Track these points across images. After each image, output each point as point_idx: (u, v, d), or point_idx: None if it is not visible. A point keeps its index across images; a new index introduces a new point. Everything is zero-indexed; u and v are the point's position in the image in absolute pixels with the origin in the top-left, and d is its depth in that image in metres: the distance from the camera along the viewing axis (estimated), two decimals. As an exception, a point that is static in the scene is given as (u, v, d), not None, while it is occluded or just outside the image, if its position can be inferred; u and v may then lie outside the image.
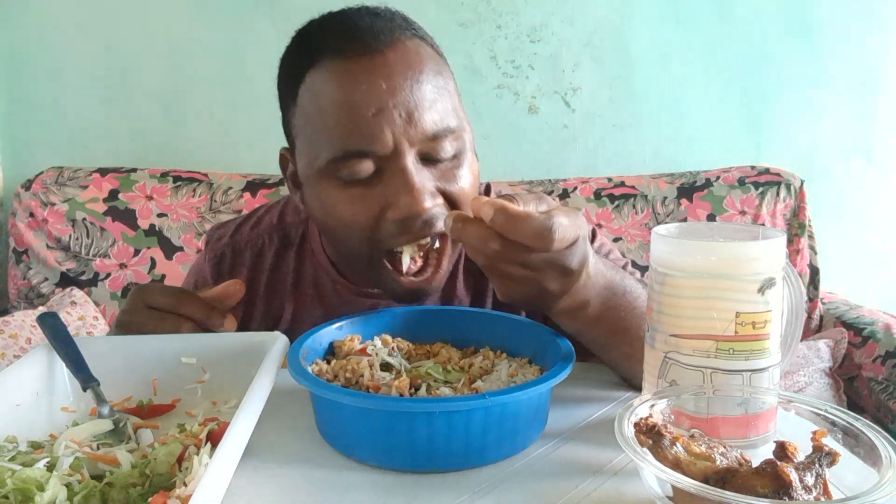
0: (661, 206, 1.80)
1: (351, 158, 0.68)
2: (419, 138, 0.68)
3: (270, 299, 0.89)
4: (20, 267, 1.80)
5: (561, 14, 1.91)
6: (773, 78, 1.94)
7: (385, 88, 0.66)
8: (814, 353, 1.64)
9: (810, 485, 0.43)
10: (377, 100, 0.66)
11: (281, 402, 0.64)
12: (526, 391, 0.56)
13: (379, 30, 0.68)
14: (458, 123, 0.71)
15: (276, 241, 0.90)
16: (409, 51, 0.69)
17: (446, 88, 0.71)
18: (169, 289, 0.72)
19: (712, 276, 0.55)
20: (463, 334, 0.75)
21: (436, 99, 0.69)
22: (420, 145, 0.68)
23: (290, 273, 0.89)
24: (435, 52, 0.73)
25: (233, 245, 0.91)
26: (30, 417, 0.60)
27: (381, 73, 0.66)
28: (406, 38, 0.69)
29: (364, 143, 0.67)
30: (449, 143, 0.70)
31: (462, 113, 0.74)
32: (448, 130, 0.69)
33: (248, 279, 0.88)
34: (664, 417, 0.53)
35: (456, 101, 0.73)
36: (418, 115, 0.67)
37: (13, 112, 1.95)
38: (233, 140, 1.96)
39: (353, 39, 0.67)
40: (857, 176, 1.98)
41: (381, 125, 0.66)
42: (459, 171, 0.72)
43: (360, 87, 0.66)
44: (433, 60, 0.71)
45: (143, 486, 0.49)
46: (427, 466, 0.56)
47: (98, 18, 1.91)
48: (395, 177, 0.68)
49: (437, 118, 0.68)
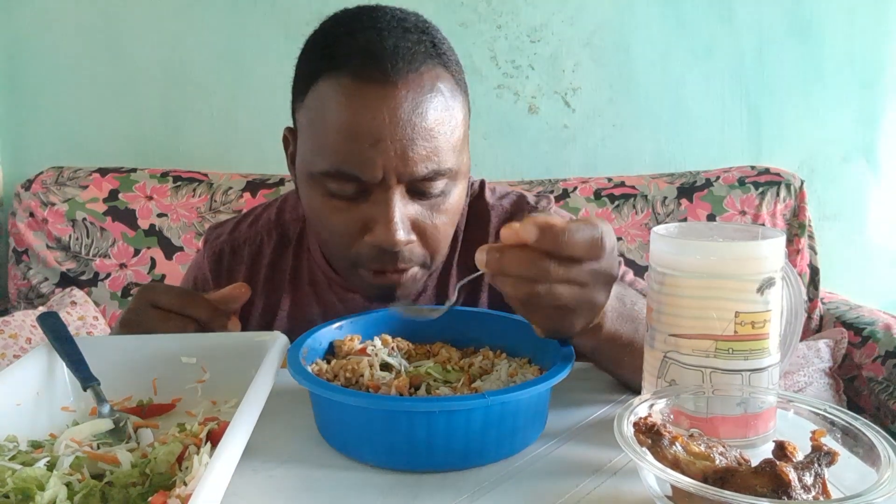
0: (661, 206, 1.80)
1: (340, 178, 0.69)
2: (409, 175, 0.69)
3: (268, 295, 0.89)
4: (20, 267, 1.80)
5: (561, 14, 1.91)
6: (773, 78, 1.94)
7: (387, 122, 0.66)
8: (814, 353, 1.64)
9: (809, 484, 0.43)
10: (377, 131, 0.67)
11: (281, 401, 0.65)
12: (526, 391, 0.56)
13: (400, 57, 0.67)
14: (453, 164, 0.71)
15: (275, 238, 0.91)
16: (423, 85, 0.68)
17: (451, 125, 0.71)
18: (175, 289, 0.72)
19: (712, 276, 0.55)
20: (463, 334, 0.75)
21: (436, 141, 0.69)
22: (409, 182, 0.69)
23: (288, 270, 0.89)
24: (453, 83, 0.72)
25: (231, 242, 0.92)
26: (30, 417, 0.60)
27: (388, 106, 0.67)
28: (426, 67, 0.69)
29: (356, 170, 0.68)
30: (439, 182, 0.71)
31: (463, 149, 0.74)
32: (439, 172, 0.70)
33: (246, 276, 0.89)
34: (663, 417, 0.54)
35: (459, 136, 0.72)
36: (413, 154, 0.67)
37: (13, 112, 1.95)
38: (233, 140, 1.96)
39: (370, 64, 0.67)
40: (857, 176, 1.98)
41: (375, 156, 0.67)
42: (442, 208, 0.73)
43: (365, 115, 0.67)
44: (446, 95, 0.71)
45: (143, 486, 0.49)
46: (427, 466, 0.56)
47: (98, 18, 1.91)
48: (378, 204, 0.69)
49: (431, 160, 0.69)
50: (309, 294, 0.89)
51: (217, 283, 0.90)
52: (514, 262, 0.54)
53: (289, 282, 0.89)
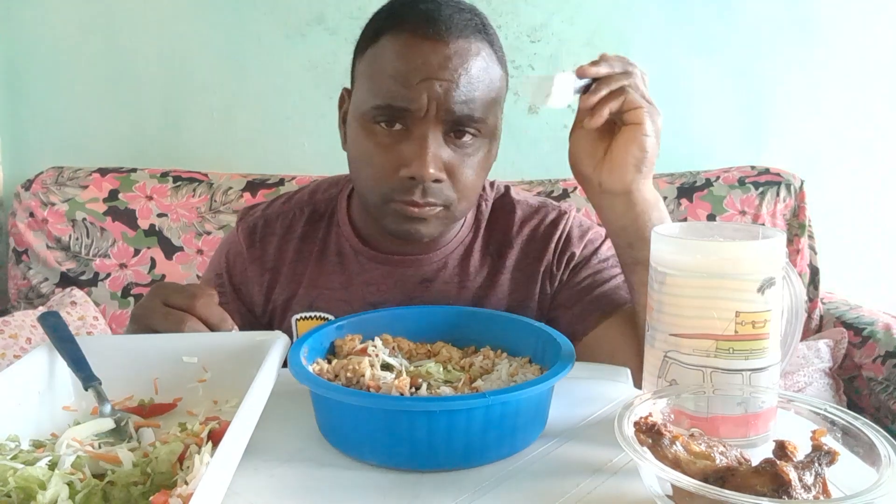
0: (661, 206, 1.80)
1: (390, 111, 0.78)
2: (447, 112, 0.77)
3: (296, 264, 0.95)
4: (20, 267, 1.80)
5: (561, 14, 1.91)
6: (773, 78, 1.94)
7: (436, 66, 0.77)
8: (814, 353, 1.64)
9: (809, 484, 0.43)
10: (426, 72, 0.76)
11: (282, 401, 0.65)
12: (526, 390, 0.56)
13: (454, 23, 0.78)
14: (485, 117, 0.80)
15: (307, 214, 0.97)
16: (471, 49, 0.79)
17: (489, 87, 0.80)
18: (187, 289, 0.72)
19: (712, 276, 0.55)
20: (463, 334, 0.75)
21: (474, 90, 0.78)
22: (447, 122, 0.78)
23: (318, 242, 0.95)
24: (495, 58, 0.83)
25: (265, 217, 0.98)
26: (32, 416, 0.60)
27: (439, 55, 0.77)
28: (475, 38, 0.80)
29: (404, 102, 0.77)
30: (472, 130, 0.80)
31: (497, 114, 0.84)
32: (473, 119, 0.79)
33: (277, 246, 0.96)
34: (664, 416, 0.54)
35: (493, 98, 0.81)
36: (454, 94, 0.77)
37: (13, 112, 1.95)
38: (233, 140, 1.96)
39: (428, 23, 0.78)
40: (857, 176, 1.98)
41: (422, 91, 0.76)
42: (472, 158, 0.82)
43: (418, 60, 0.77)
44: (488, 62, 0.81)
45: (145, 485, 0.49)
46: (428, 465, 0.56)
47: (98, 19, 1.91)
48: (416, 140, 0.78)
49: (469, 104, 0.78)
50: (334, 263, 0.94)
51: (251, 254, 0.95)
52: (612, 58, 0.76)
53: (318, 252, 0.95)
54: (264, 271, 0.95)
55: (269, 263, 0.95)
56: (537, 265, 0.93)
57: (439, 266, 0.93)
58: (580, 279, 0.93)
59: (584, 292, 0.91)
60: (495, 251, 0.94)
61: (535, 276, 0.93)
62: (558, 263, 0.94)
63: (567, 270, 0.94)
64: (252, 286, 0.95)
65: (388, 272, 0.92)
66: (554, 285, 0.94)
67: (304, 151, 1.90)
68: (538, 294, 0.93)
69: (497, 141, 0.86)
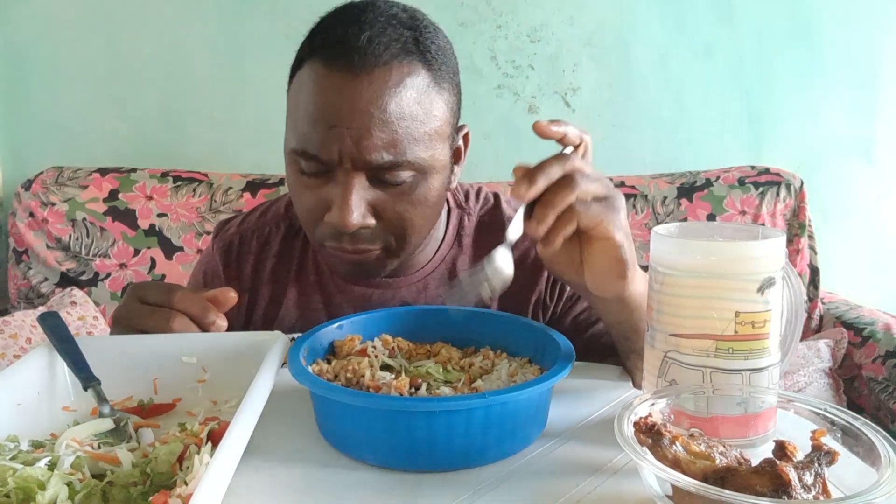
0: (661, 206, 1.80)
1: (306, 157, 0.73)
2: (363, 163, 0.71)
3: (274, 284, 0.91)
4: (20, 267, 1.80)
5: (561, 14, 1.91)
6: (773, 78, 1.94)
7: (346, 109, 0.70)
8: (814, 353, 1.64)
9: (809, 484, 0.43)
10: (335, 117, 0.70)
11: (281, 401, 0.65)
12: (526, 391, 0.56)
13: (371, 50, 0.70)
14: (420, 155, 0.73)
15: (283, 230, 0.94)
16: (390, 80, 0.70)
17: (420, 119, 0.72)
18: (163, 285, 0.72)
19: (712, 276, 0.55)
20: (463, 334, 0.75)
21: (395, 131, 0.70)
22: (367, 169, 0.72)
23: (295, 260, 0.92)
24: (429, 80, 0.73)
25: (240, 234, 0.94)
26: (31, 417, 0.60)
27: (348, 94, 0.70)
28: (398, 63, 0.71)
29: (315, 150, 0.72)
30: (403, 172, 0.73)
31: (438, 142, 0.75)
32: (397, 164, 0.71)
33: (253, 265, 0.92)
34: (664, 417, 0.54)
35: (430, 132, 0.73)
36: (366, 144, 0.70)
37: (13, 112, 1.95)
38: (233, 140, 1.96)
39: (341, 54, 0.70)
40: (857, 176, 1.98)
41: (332, 140, 0.70)
42: (409, 197, 0.75)
43: (328, 101, 0.70)
44: (418, 90, 0.72)
45: (144, 485, 0.49)
46: (427, 466, 0.56)
47: (98, 18, 1.91)
48: (337, 185, 0.73)
49: (389, 150, 0.71)
50: (314, 284, 0.90)
51: (227, 274, 0.92)
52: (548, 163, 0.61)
53: (295, 271, 0.91)
54: (242, 291, 0.89)
55: (245, 283, 0.91)
56: (529, 293, 0.89)
57: (419, 289, 0.89)
58: (576, 314, 0.90)
59: (581, 329, 0.88)
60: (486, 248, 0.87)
61: (527, 305, 0.89)
62: (551, 294, 0.90)
63: (560, 302, 0.90)
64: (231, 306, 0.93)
65: (365, 294, 0.88)
66: (547, 315, 0.91)
67: (304, 151, 1.90)
68: None
69: (451, 165, 0.79)
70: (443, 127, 0.75)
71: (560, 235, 0.60)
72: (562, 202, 0.59)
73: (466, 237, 0.91)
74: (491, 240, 0.89)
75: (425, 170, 0.74)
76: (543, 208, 0.59)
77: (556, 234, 0.60)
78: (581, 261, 0.65)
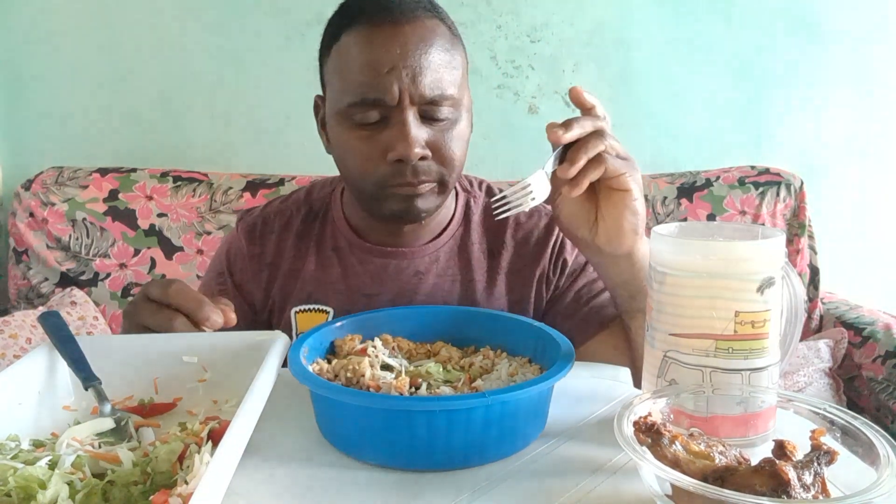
0: (661, 206, 1.80)
1: (365, 105, 0.81)
2: (419, 97, 0.80)
3: (294, 260, 0.98)
4: (20, 267, 1.80)
5: (561, 14, 1.91)
6: (773, 78, 1.94)
7: (399, 53, 0.79)
8: (814, 353, 1.64)
9: (809, 483, 0.43)
10: (391, 61, 0.79)
11: (281, 400, 0.65)
12: (526, 390, 0.56)
13: (405, 7, 0.81)
14: (456, 93, 0.83)
15: (303, 212, 1.01)
16: (426, 27, 0.81)
17: (452, 63, 0.83)
18: (166, 281, 0.72)
19: (712, 276, 0.56)
20: (463, 333, 0.75)
21: (440, 69, 0.81)
22: (420, 104, 0.81)
23: (314, 237, 0.98)
24: (451, 33, 0.85)
25: (263, 216, 1.01)
26: (32, 416, 0.60)
27: (398, 41, 0.80)
28: (426, 16, 0.82)
29: (376, 94, 0.80)
30: (445, 107, 0.82)
31: (464, 87, 0.86)
32: (444, 97, 0.81)
33: (276, 243, 0.98)
34: (663, 416, 0.54)
35: (459, 76, 0.84)
36: (421, 78, 0.80)
37: (13, 112, 1.95)
38: (233, 140, 1.96)
39: (381, 11, 0.81)
40: (857, 176, 1.98)
41: (392, 81, 0.79)
42: (451, 132, 0.84)
43: (380, 50, 0.80)
44: (445, 38, 0.83)
45: (145, 485, 0.49)
46: (427, 465, 0.56)
47: (98, 18, 1.91)
48: (396, 126, 0.81)
49: (437, 84, 0.81)
50: (331, 257, 0.97)
51: (251, 251, 0.98)
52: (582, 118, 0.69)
53: (314, 247, 0.98)
54: (263, 267, 0.97)
55: (268, 259, 0.97)
56: (533, 269, 0.95)
57: (432, 259, 0.95)
58: (578, 288, 0.94)
59: (582, 302, 0.93)
60: (491, 251, 0.96)
61: (531, 280, 0.95)
62: (554, 269, 0.96)
63: (563, 277, 0.95)
64: (252, 283, 0.97)
65: (383, 264, 0.95)
66: (550, 290, 0.96)
67: (304, 151, 1.90)
68: (534, 297, 0.95)
69: (470, 112, 0.89)
70: (463, 74, 0.86)
71: (587, 178, 0.69)
72: (594, 149, 0.68)
73: (474, 217, 0.99)
74: (495, 226, 0.97)
75: (460, 106, 0.85)
76: (576, 152, 0.68)
77: (584, 175, 0.68)
78: (596, 219, 0.74)
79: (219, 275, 0.99)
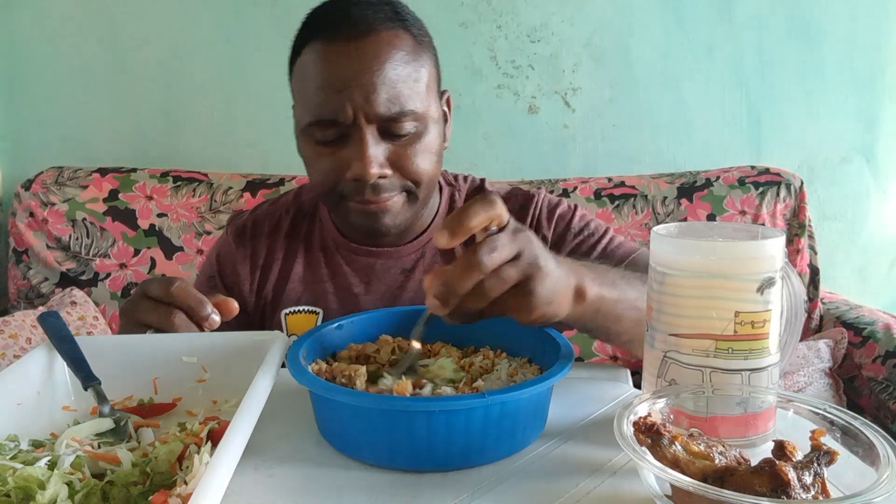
0: (661, 206, 1.80)
1: (322, 125, 0.82)
2: (376, 115, 0.80)
3: (285, 260, 0.99)
4: (20, 267, 1.80)
5: (561, 14, 1.91)
6: (773, 78, 1.94)
7: (352, 71, 0.79)
8: (814, 353, 1.64)
9: (809, 484, 0.43)
10: (343, 80, 0.79)
11: (281, 401, 0.65)
12: (525, 390, 0.56)
13: (361, 20, 0.80)
14: (419, 106, 0.82)
15: (292, 214, 1.02)
16: (383, 41, 0.80)
17: (413, 76, 0.82)
18: (167, 279, 0.72)
19: (712, 276, 0.55)
20: (463, 334, 0.75)
21: (397, 84, 0.80)
22: (378, 122, 0.81)
23: (302, 237, 1.00)
24: (414, 43, 0.84)
25: (253, 219, 1.02)
26: (31, 416, 0.60)
27: (352, 58, 0.79)
28: (386, 28, 0.81)
29: (331, 115, 0.80)
30: (407, 122, 0.82)
31: (431, 98, 0.85)
32: (404, 113, 0.81)
33: (266, 245, 1.00)
34: (663, 416, 0.54)
35: (422, 87, 0.83)
36: (375, 96, 0.79)
37: (13, 112, 1.95)
38: (233, 140, 1.96)
39: (336, 27, 0.80)
40: (857, 176, 1.98)
41: (344, 101, 0.79)
42: (415, 147, 0.83)
43: (333, 68, 0.80)
44: (406, 50, 0.82)
45: (144, 485, 0.49)
46: (427, 466, 0.56)
47: (98, 18, 1.91)
48: (353, 144, 0.81)
49: (395, 100, 0.80)
50: (319, 258, 0.98)
51: (241, 252, 0.99)
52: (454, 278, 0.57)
53: (303, 247, 0.99)
54: (254, 269, 0.98)
55: (258, 261, 0.98)
56: None
57: (417, 256, 0.96)
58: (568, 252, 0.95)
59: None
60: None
61: None
62: None
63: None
64: (243, 284, 0.98)
65: (369, 264, 0.96)
66: None
67: (304, 151, 1.90)
68: None
69: (443, 122, 0.88)
70: (430, 83, 0.86)
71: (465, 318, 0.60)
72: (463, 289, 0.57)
73: None
74: None
75: (425, 119, 0.83)
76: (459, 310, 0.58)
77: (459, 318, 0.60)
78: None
79: (209, 278, 1.00)
